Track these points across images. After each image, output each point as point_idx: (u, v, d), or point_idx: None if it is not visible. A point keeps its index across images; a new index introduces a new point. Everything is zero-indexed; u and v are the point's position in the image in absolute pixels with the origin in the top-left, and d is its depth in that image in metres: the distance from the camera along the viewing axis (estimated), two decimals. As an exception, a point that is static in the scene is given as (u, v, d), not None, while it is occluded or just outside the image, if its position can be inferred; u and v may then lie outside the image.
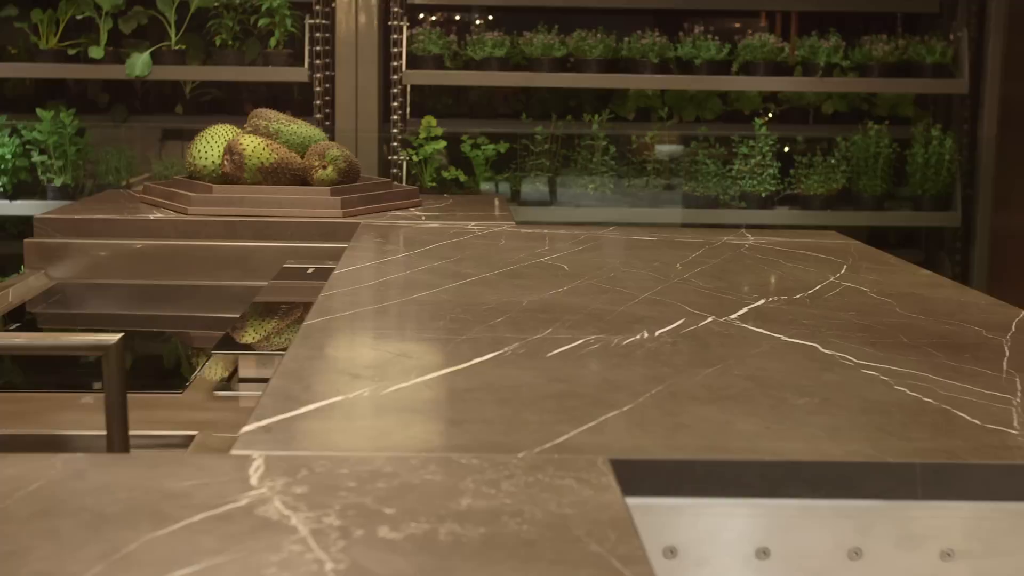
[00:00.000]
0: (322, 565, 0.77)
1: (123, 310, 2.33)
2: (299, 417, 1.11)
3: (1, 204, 4.27)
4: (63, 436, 1.46)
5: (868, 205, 4.51)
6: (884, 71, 4.41)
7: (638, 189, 4.59)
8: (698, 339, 1.45)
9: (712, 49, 4.40)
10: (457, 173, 4.41)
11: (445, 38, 4.41)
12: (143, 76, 4.15)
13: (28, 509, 0.86)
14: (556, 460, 0.98)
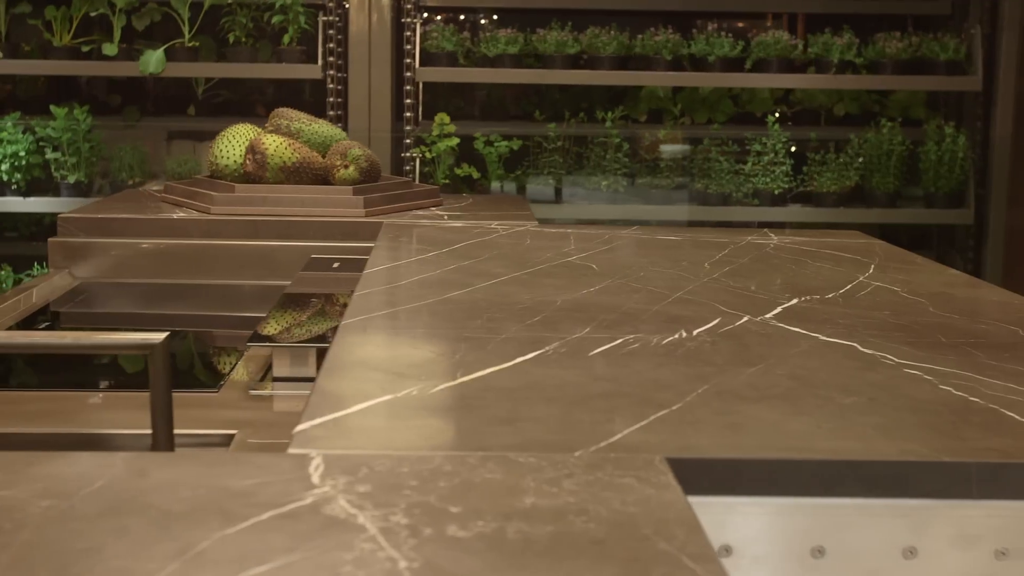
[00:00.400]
0: (396, 563, 0.77)
1: (149, 309, 2.34)
2: (351, 416, 1.11)
3: (15, 201, 4.28)
4: (103, 435, 1.47)
5: (881, 202, 4.51)
6: (897, 68, 4.41)
7: (649, 187, 4.59)
8: (737, 338, 1.45)
9: (726, 46, 4.40)
10: (470, 170, 4.42)
11: (458, 35, 4.41)
12: (157, 73, 4.15)
13: (96, 507, 0.86)
14: (613, 459, 0.98)
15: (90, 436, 1.45)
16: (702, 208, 4.54)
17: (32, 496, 0.88)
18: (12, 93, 4.84)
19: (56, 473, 0.92)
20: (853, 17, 4.68)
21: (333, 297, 1.96)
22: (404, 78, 4.33)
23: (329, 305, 1.92)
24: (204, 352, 1.97)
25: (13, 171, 4.21)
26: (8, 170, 4.20)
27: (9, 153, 4.19)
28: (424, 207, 2.76)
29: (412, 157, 4.32)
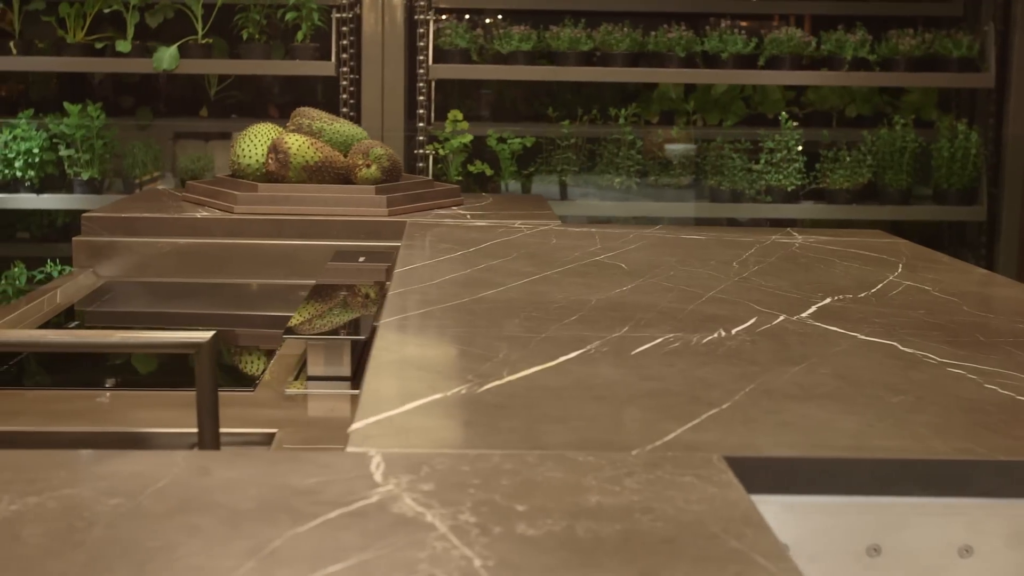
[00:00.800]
0: (470, 562, 0.77)
1: (175, 308, 2.34)
2: (404, 415, 1.11)
3: (28, 198, 4.29)
4: (144, 434, 1.47)
5: (893, 199, 4.51)
6: (910, 65, 4.41)
7: (661, 184, 4.59)
8: (776, 337, 1.46)
9: (739, 43, 4.40)
10: (483, 167, 4.42)
11: (472, 32, 4.41)
12: (171, 70, 4.15)
13: (164, 505, 0.86)
14: (671, 458, 0.98)
15: (132, 435, 1.46)
16: (714, 205, 4.54)
17: (98, 494, 0.88)
18: (24, 93, 4.85)
19: (119, 471, 0.93)
20: (864, 18, 4.68)
21: (363, 292, 1.96)
22: (417, 75, 4.33)
23: (360, 300, 1.92)
24: (234, 351, 1.97)
25: (27, 168, 4.22)
26: (22, 167, 4.21)
27: (23, 150, 4.20)
28: (445, 206, 2.76)
29: (425, 154, 4.32)
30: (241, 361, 1.86)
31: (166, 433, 1.47)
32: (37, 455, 0.97)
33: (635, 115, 4.60)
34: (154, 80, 4.93)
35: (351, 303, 1.93)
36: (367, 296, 1.96)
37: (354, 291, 1.99)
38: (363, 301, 1.93)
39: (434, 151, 4.31)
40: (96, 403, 1.59)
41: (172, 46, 4.18)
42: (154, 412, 1.58)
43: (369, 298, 1.95)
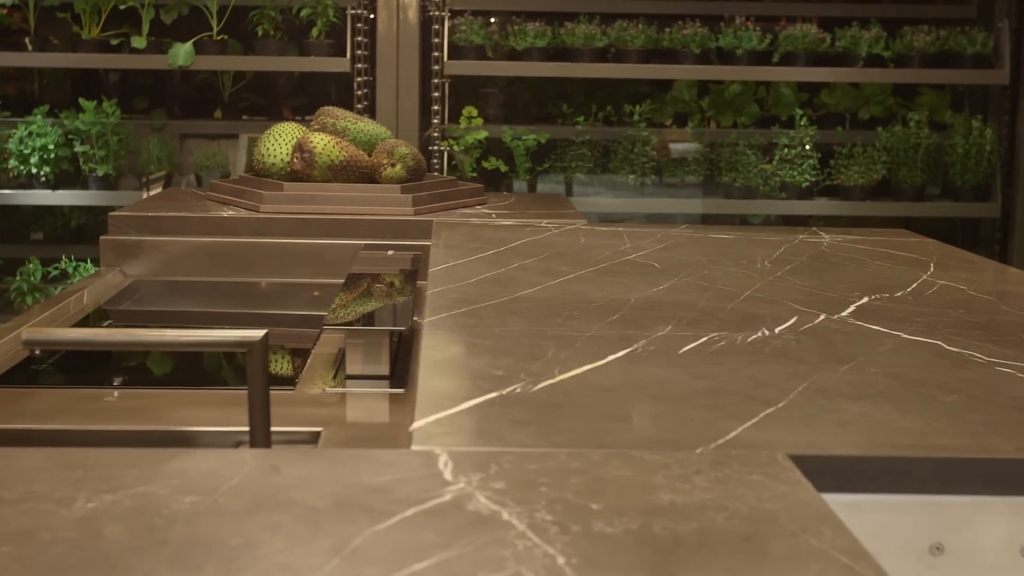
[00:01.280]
0: (554, 560, 0.78)
1: (205, 307, 2.34)
2: (462, 413, 1.12)
3: (44, 194, 4.29)
4: (190, 432, 1.47)
5: (907, 196, 4.51)
6: (924, 62, 4.41)
7: (671, 183, 4.59)
8: (820, 336, 1.46)
9: (753, 39, 4.40)
10: (498, 163, 4.43)
11: (487, 28, 4.41)
12: (186, 66, 4.16)
13: (240, 503, 0.87)
14: (737, 456, 0.99)
15: (175, 433, 1.46)
16: (728, 201, 4.54)
17: (173, 492, 0.88)
18: (38, 94, 4.85)
19: (190, 469, 0.93)
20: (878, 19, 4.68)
21: (396, 283, 1.96)
22: (432, 71, 4.33)
23: (394, 293, 1.92)
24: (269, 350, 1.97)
25: (42, 164, 4.22)
26: (37, 163, 4.22)
27: (38, 146, 4.20)
28: (469, 205, 2.76)
29: (440, 151, 4.32)
30: (275, 360, 1.87)
31: (210, 432, 1.47)
32: (106, 454, 0.97)
33: (648, 118, 4.60)
34: (168, 82, 4.93)
35: (386, 297, 1.93)
36: (399, 288, 1.96)
37: (387, 283, 1.99)
38: (397, 295, 1.93)
39: (448, 147, 4.31)
40: (135, 402, 1.59)
41: (187, 42, 4.18)
42: (190, 411, 1.58)
43: (402, 291, 1.95)
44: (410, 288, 1.93)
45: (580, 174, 4.53)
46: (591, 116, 4.61)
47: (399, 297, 1.92)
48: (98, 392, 1.64)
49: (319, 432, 1.47)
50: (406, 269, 2.10)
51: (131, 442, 1.44)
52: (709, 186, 4.62)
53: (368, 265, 2.10)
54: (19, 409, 1.56)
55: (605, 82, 4.82)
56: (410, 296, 1.87)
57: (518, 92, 4.91)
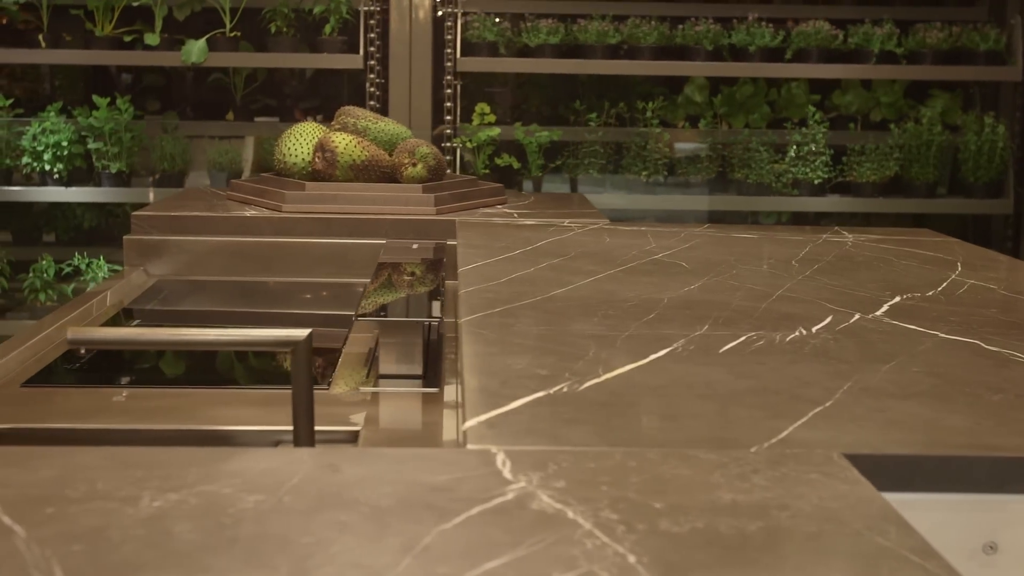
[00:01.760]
0: (624, 558, 0.78)
1: (230, 307, 2.34)
2: (512, 413, 1.12)
3: (57, 191, 4.30)
4: (230, 431, 1.47)
5: (920, 193, 4.51)
6: (937, 59, 4.42)
7: (677, 181, 4.59)
8: (857, 336, 1.46)
9: (766, 36, 4.40)
10: (511, 160, 4.43)
11: (499, 25, 4.41)
12: (199, 63, 4.16)
13: (304, 502, 0.87)
14: (793, 455, 0.99)
15: (216, 432, 1.46)
16: (740, 198, 4.54)
17: (236, 491, 0.88)
18: (49, 95, 4.85)
19: (249, 468, 0.93)
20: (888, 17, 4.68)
21: (424, 281, 1.96)
22: (445, 68, 4.33)
23: (422, 291, 1.92)
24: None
25: (55, 161, 4.23)
26: (50, 159, 4.22)
27: (52, 143, 4.21)
28: (490, 205, 2.77)
29: (452, 147, 4.32)
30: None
31: (247, 431, 1.48)
32: (164, 452, 0.97)
33: (660, 115, 4.60)
34: (180, 85, 4.94)
35: (414, 290, 1.93)
36: (429, 284, 1.96)
37: (415, 276, 1.99)
38: (425, 290, 1.93)
39: (461, 144, 4.32)
40: (173, 401, 1.59)
41: (200, 39, 4.19)
42: (218, 410, 1.58)
43: (431, 286, 1.94)
44: (438, 284, 1.93)
45: (593, 171, 4.53)
46: (603, 113, 4.61)
47: (427, 291, 1.92)
48: (135, 391, 1.64)
49: (358, 431, 1.47)
50: (432, 262, 2.09)
51: (168, 441, 1.44)
52: (720, 183, 4.62)
53: (395, 256, 2.11)
54: (54, 408, 1.56)
55: (616, 82, 4.82)
56: (437, 288, 1.87)
57: (529, 92, 4.91)
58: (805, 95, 4.67)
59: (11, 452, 0.96)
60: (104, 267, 4.21)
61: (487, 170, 4.38)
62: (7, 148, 4.29)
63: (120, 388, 1.66)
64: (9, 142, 4.29)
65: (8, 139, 4.29)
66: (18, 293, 4.39)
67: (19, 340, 1.82)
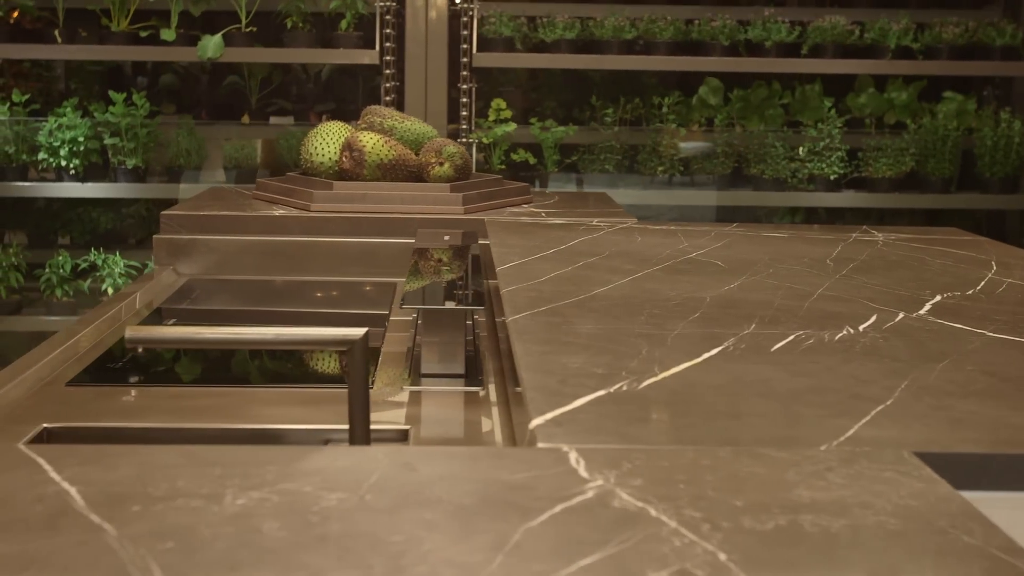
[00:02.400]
0: (715, 556, 0.78)
1: (263, 306, 2.34)
2: (577, 411, 1.12)
3: (73, 186, 4.30)
4: (280, 430, 1.48)
5: (935, 188, 4.52)
6: (953, 54, 4.42)
7: (704, 173, 4.59)
8: (905, 335, 1.46)
9: (782, 31, 4.41)
10: (526, 155, 4.44)
11: (516, 20, 4.42)
12: (215, 58, 4.16)
13: (386, 500, 0.87)
14: (864, 453, 0.99)
15: (266, 431, 1.47)
16: (757, 194, 4.54)
17: (317, 489, 0.89)
18: (65, 95, 4.86)
19: (326, 467, 0.93)
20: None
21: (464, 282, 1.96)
22: (460, 64, 4.34)
23: (462, 291, 1.92)
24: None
25: (72, 156, 4.24)
26: (67, 155, 4.23)
27: (68, 138, 4.22)
28: (516, 204, 2.77)
29: (468, 143, 4.33)
30: (341, 358, 1.87)
31: (298, 429, 1.48)
32: (240, 451, 0.98)
33: (675, 111, 4.60)
34: (196, 87, 4.94)
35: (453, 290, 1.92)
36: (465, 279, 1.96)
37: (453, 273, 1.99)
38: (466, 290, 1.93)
39: (477, 139, 4.33)
40: (214, 400, 1.59)
41: (216, 35, 4.19)
42: (266, 409, 1.58)
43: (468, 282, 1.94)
44: (478, 283, 1.93)
45: (609, 167, 4.53)
46: (619, 108, 4.61)
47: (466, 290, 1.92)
48: (180, 390, 1.65)
49: (407, 430, 1.47)
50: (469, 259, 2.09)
51: (218, 439, 1.44)
52: (735, 179, 4.61)
53: (428, 242, 2.12)
54: (100, 407, 1.57)
55: (631, 80, 4.82)
56: (476, 288, 1.87)
57: (543, 92, 4.91)
58: (819, 99, 4.67)
59: (89, 450, 0.96)
60: (120, 263, 4.22)
61: (503, 165, 4.39)
62: (23, 144, 4.30)
63: (161, 387, 1.67)
64: (25, 138, 4.30)
65: (24, 135, 4.30)
66: (32, 292, 4.40)
67: (59, 340, 1.82)
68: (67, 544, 0.78)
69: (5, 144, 4.28)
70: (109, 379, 1.71)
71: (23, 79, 4.81)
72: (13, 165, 4.30)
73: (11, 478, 0.90)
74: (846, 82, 4.73)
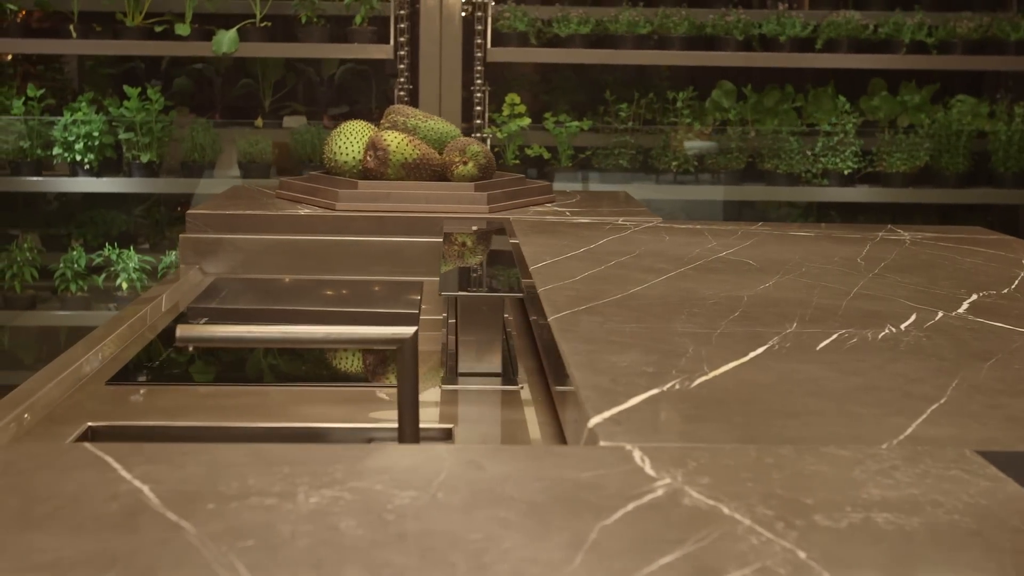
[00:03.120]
0: (794, 554, 0.78)
1: (294, 305, 2.34)
2: (633, 409, 1.12)
3: (88, 181, 4.31)
4: (323, 429, 1.48)
5: (949, 183, 4.52)
6: (967, 48, 4.43)
7: (719, 168, 4.59)
8: (947, 333, 1.47)
9: (797, 26, 4.42)
10: (541, 150, 4.45)
11: (531, 15, 4.43)
12: (230, 53, 4.17)
13: (458, 498, 0.87)
14: (926, 452, 0.99)
15: (310, 430, 1.47)
16: (771, 188, 4.55)
17: (387, 487, 0.89)
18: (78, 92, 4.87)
19: (392, 465, 0.94)
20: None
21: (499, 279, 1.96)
22: (475, 59, 4.34)
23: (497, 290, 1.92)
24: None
25: (86, 151, 4.25)
26: (81, 150, 4.24)
27: (83, 133, 4.22)
28: (540, 203, 2.77)
29: (483, 137, 4.33)
30: (382, 357, 1.87)
31: (343, 428, 1.48)
32: (303, 449, 0.98)
33: (689, 106, 4.60)
34: (209, 91, 4.94)
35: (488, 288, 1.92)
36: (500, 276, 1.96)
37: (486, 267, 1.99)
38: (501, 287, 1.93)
39: (491, 134, 4.33)
40: (255, 399, 1.60)
41: (231, 29, 4.20)
42: (307, 407, 1.59)
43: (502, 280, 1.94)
44: (511, 281, 1.93)
45: (624, 161, 4.53)
46: (633, 104, 4.61)
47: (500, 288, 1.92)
48: (219, 389, 1.65)
49: (451, 429, 1.48)
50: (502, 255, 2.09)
51: (265, 438, 1.45)
52: (749, 174, 4.61)
53: (457, 248, 2.13)
54: (142, 406, 1.57)
55: (645, 80, 4.83)
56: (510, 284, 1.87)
57: (556, 93, 4.91)
58: (832, 103, 4.66)
59: (154, 448, 0.97)
60: (135, 258, 4.23)
61: (517, 160, 4.40)
62: (37, 139, 4.31)
63: (206, 386, 1.67)
64: (40, 133, 4.31)
65: (39, 130, 4.31)
66: (44, 292, 4.40)
67: (95, 339, 1.83)
68: (148, 542, 0.79)
69: (20, 140, 4.29)
70: (148, 378, 1.71)
71: (35, 80, 4.81)
72: (28, 160, 4.31)
73: (82, 476, 0.90)
74: (859, 85, 4.74)
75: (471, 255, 2.01)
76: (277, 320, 2.21)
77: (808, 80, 4.79)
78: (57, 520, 0.82)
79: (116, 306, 4.29)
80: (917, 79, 4.75)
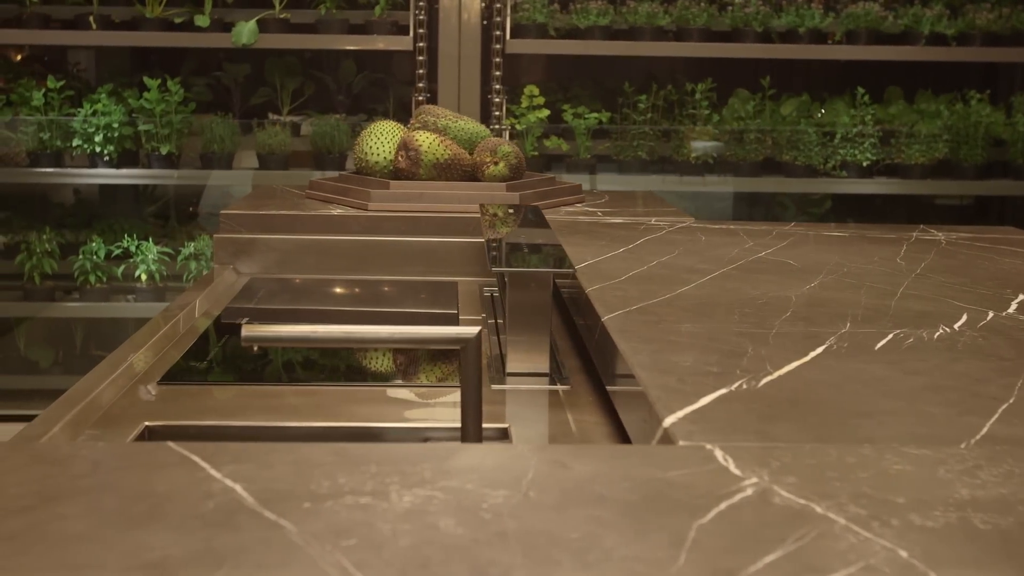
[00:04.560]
0: (895, 553, 0.79)
1: (333, 305, 2.34)
2: (705, 409, 1.13)
3: (108, 172, 4.32)
4: (377, 428, 1.48)
5: (968, 175, 4.52)
6: (987, 40, 4.43)
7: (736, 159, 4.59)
8: (1002, 333, 1.47)
9: (816, 17, 4.42)
10: (559, 142, 4.46)
11: (549, 7, 4.44)
12: (250, 44, 4.18)
13: (550, 497, 0.87)
14: (1007, 451, 1.00)
15: (364, 429, 1.47)
16: (789, 180, 4.55)
17: (479, 487, 0.89)
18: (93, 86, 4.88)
19: (479, 465, 0.94)
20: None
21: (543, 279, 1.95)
22: (493, 50, 4.35)
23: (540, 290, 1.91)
24: (410, 347, 1.96)
25: (106, 142, 4.26)
26: (101, 141, 4.25)
27: (103, 124, 4.23)
28: (570, 203, 2.78)
29: (501, 129, 4.34)
30: (428, 357, 1.87)
31: (401, 428, 1.48)
32: (385, 449, 0.98)
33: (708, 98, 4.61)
34: (227, 99, 4.94)
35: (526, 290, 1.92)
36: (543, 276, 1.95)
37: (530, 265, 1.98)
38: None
39: (510, 126, 4.34)
40: (308, 398, 1.60)
41: (251, 20, 4.20)
42: (358, 407, 1.59)
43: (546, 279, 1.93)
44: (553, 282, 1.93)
45: (642, 153, 4.54)
46: (651, 95, 4.62)
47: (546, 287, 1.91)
48: (271, 389, 1.65)
49: (506, 428, 1.48)
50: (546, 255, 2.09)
51: (323, 437, 1.45)
52: (768, 166, 4.61)
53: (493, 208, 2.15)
54: (195, 405, 1.57)
55: (663, 73, 4.84)
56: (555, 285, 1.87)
57: (577, 87, 4.92)
58: (848, 113, 4.66)
59: (238, 448, 0.97)
60: (154, 250, 4.24)
61: (535, 152, 4.41)
62: (56, 131, 4.32)
63: (253, 385, 1.67)
64: (60, 124, 4.32)
65: (59, 122, 4.32)
66: (63, 283, 4.41)
67: (142, 338, 1.83)
68: (252, 541, 0.79)
69: (40, 131, 4.30)
70: (200, 377, 1.72)
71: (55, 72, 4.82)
72: (47, 152, 4.32)
73: (172, 475, 0.91)
74: (875, 94, 4.73)
75: (511, 233, 2.01)
76: (315, 320, 2.22)
77: (825, 88, 4.79)
78: (157, 519, 0.82)
79: (135, 297, 4.30)
80: (933, 87, 4.75)
